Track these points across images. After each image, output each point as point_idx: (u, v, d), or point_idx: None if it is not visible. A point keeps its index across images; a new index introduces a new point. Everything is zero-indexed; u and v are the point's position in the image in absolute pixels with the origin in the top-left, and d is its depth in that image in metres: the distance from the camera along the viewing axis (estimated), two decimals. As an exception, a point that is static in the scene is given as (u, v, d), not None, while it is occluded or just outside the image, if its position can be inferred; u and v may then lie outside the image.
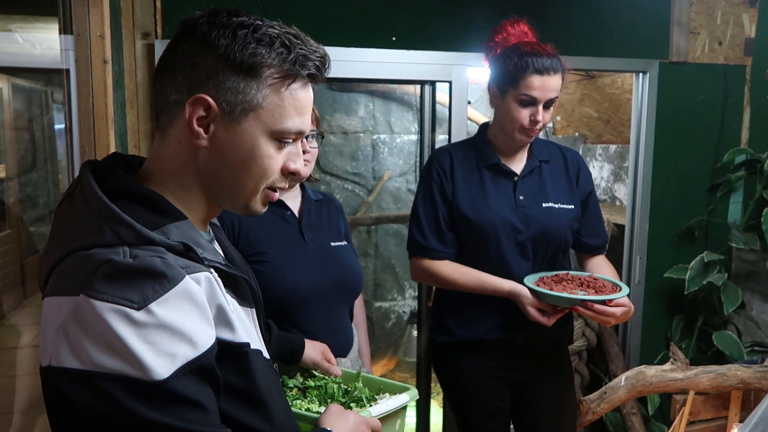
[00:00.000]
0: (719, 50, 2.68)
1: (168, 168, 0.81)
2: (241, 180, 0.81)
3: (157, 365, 0.65)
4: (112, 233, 0.71)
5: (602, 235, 1.84)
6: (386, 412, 1.21)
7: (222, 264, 0.79)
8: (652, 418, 2.70)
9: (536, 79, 1.57)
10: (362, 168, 3.93)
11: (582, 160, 1.83)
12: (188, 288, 0.69)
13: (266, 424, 0.81)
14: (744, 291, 2.69)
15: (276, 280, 1.53)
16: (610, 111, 3.65)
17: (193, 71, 0.76)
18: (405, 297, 4.09)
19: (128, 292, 0.66)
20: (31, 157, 2.67)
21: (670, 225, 2.73)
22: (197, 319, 0.70)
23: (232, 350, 0.76)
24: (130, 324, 0.65)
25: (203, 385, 0.70)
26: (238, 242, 1.56)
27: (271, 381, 0.85)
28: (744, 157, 2.71)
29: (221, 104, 0.76)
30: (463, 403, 1.84)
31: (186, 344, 0.68)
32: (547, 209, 1.71)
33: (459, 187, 1.71)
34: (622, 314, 1.57)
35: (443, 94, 2.52)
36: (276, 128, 0.79)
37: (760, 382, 1.85)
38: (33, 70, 2.57)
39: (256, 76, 0.77)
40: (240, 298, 0.84)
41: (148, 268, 0.68)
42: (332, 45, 2.26)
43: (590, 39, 2.52)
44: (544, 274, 1.69)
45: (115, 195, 0.75)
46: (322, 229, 1.66)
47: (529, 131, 1.63)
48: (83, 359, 0.65)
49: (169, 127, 0.79)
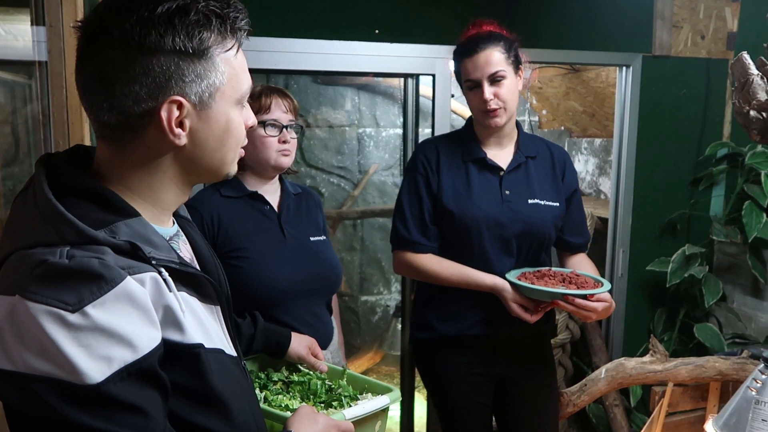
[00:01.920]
0: (702, 44, 2.69)
1: (132, 170, 0.78)
2: (223, 156, 0.82)
3: (90, 369, 0.64)
4: (55, 232, 0.69)
5: (584, 234, 1.84)
6: (361, 415, 1.19)
7: (175, 263, 0.77)
8: (634, 410, 2.73)
9: (468, 62, 1.62)
10: (348, 162, 3.91)
11: (568, 158, 1.82)
12: (128, 290, 0.68)
13: (224, 425, 0.79)
14: (725, 284, 2.72)
15: (256, 276, 1.53)
16: (595, 105, 3.66)
17: (148, 77, 0.73)
18: (391, 291, 4.09)
19: (63, 293, 0.65)
20: (14, 150, 2.64)
21: (653, 218, 2.75)
22: (138, 321, 0.68)
23: (181, 351, 0.74)
24: (63, 326, 0.64)
25: (145, 388, 0.68)
26: (218, 238, 1.55)
27: (233, 379, 0.83)
28: (726, 150, 2.73)
29: (191, 98, 0.75)
30: (445, 399, 1.84)
31: (124, 347, 0.66)
32: (533, 206, 1.70)
33: (444, 180, 1.70)
34: (603, 309, 1.56)
35: (427, 87, 2.52)
36: (238, 95, 0.81)
37: (738, 373, 1.87)
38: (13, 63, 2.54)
39: (208, 57, 0.76)
40: (201, 295, 0.83)
41: (84, 269, 0.66)
42: (315, 38, 2.25)
43: (574, 33, 2.52)
44: (527, 269, 1.69)
45: (66, 192, 0.73)
46: (301, 223, 1.65)
47: (489, 113, 1.63)
48: (16, 361, 0.64)
49: (133, 139, 0.76)
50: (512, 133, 1.74)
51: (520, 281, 1.58)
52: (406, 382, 2.68)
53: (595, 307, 1.54)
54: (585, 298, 1.54)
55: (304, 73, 1.97)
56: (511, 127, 1.72)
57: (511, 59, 1.63)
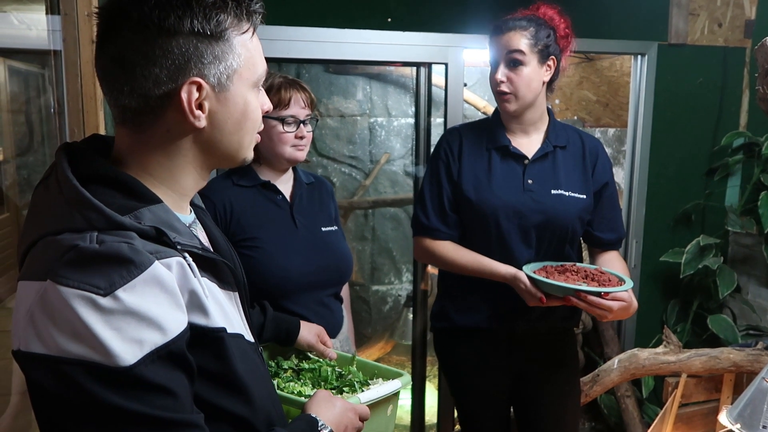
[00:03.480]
0: (719, 32, 2.65)
1: (152, 155, 0.80)
2: (240, 139, 0.83)
3: (123, 351, 0.65)
4: (82, 218, 0.70)
5: (617, 230, 1.76)
6: (376, 398, 1.20)
7: (198, 248, 0.78)
8: (646, 401, 2.72)
9: (493, 41, 1.62)
10: (359, 151, 3.91)
11: (602, 149, 1.75)
12: (157, 274, 0.69)
13: (246, 408, 0.81)
14: (740, 275, 2.69)
15: (267, 265, 1.53)
16: (608, 94, 3.62)
17: (168, 59, 0.74)
18: (402, 281, 4.09)
19: (94, 278, 0.66)
20: (28, 140, 2.66)
21: (667, 209, 2.72)
22: (167, 304, 0.69)
23: (206, 335, 0.76)
24: (96, 310, 0.65)
25: (174, 371, 0.69)
26: (230, 227, 1.56)
27: (253, 364, 0.85)
28: (742, 140, 2.69)
29: (210, 80, 0.77)
30: (461, 390, 1.83)
31: (154, 330, 0.67)
32: (557, 196, 1.65)
33: (465, 168, 1.68)
34: (619, 309, 1.47)
35: (440, 77, 2.50)
36: (255, 78, 0.82)
37: (753, 365, 1.86)
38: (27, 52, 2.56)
39: (225, 39, 0.77)
40: (221, 281, 0.84)
41: (114, 254, 0.67)
42: (327, 26, 2.24)
43: (588, 21, 2.49)
44: (549, 263, 1.64)
45: (89, 179, 0.74)
46: (313, 213, 1.66)
47: (501, 95, 1.61)
48: (49, 345, 0.65)
49: (153, 122, 0.77)
50: (539, 121, 1.69)
51: (535, 274, 1.53)
52: (417, 371, 2.68)
53: (609, 306, 1.45)
54: (599, 295, 1.46)
55: (315, 62, 1.97)
56: (536, 115, 1.68)
57: (538, 47, 1.58)
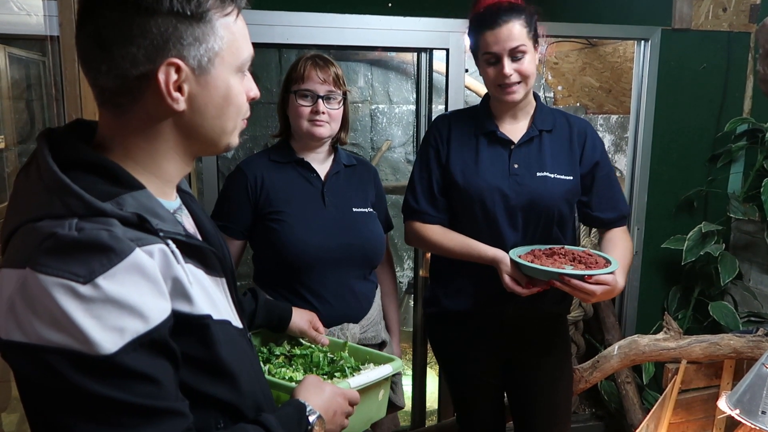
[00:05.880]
0: (723, 17, 2.62)
1: (133, 139, 0.78)
2: (222, 124, 0.81)
3: (103, 340, 0.64)
4: (62, 204, 0.69)
5: (617, 208, 1.74)
6: (366, 383, 1.20)
7: (181, 235, 0.77)
8: (646, 387, 2.73)
9: (489, 35, 1.57)
10: (360, 138, 3.89)
11: (591, 130, 1.74)
12: (138, 261, 0.68)
13: (233, 394, 0.80)
14: (742, 262, 2.69)
15: (288, 238, 1.58)
16: (611, 80, 3.59)
17: (146, 39, 0.72)
18: (403, 267, 4.10)
19: (74, 265, 0.65)
20: (29, 127, 2.66)
21: (669, 195, 2.71)
22: (148, 292, 0.69)
23: (190, 322, 0.75)
24: (75, 298, 0.64)
25: (157, 358, 0.69)
26: (259, 200, 1.63)
27: (240, 350, 0.84)
28: (746, 126, 2.67)
29: (189, 62, 0.75)
30: (453, 375, 1.84)
31: (136, 318, 0.67)
32: (542, 179, 1.66)
33: (453, 152, 1.70)
34: (603, 292, 1.46)
35: (441, 63, 2.48)
36: (238, 62, 0.80)
37: (753, 351, 1.86)
38: (26, 38, 2.54)
39: (207, 21, 0.75)
40: (207, 267, 0.83)
41: (93, 241, 0.66)
42: (327, 11, 2.22)
43: (591, 5, 2.47)
44: (537, 246, 1.64)
45: (70, 165, 0.73)
46: (347, 194, 1.69)
47: (506, 88, 1.60)
48: (29, 333, 0.65)
49: (132, 104, 0.76)
50: (528, 106, 1.70)
51: (519, 258, 1.52)
52: (418, 357, 2.69)
53: (593, 289, 1.45)
54: (582, 279, 1.45)
55: (316, 48, 1.95)
56: (526, 100, 1.68)
57: (531, 33, 1.58)
